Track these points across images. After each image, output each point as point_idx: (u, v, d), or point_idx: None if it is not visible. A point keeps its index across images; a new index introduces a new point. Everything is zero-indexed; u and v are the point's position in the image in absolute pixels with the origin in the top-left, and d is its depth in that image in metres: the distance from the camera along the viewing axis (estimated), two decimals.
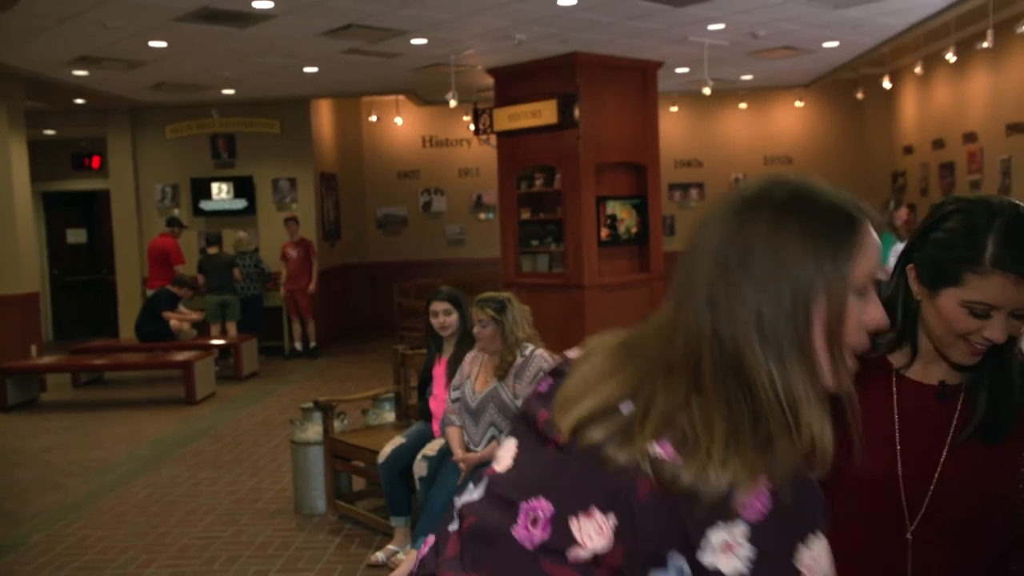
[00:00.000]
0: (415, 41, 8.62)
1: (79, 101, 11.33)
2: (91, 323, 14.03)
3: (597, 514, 1.04)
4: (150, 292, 10.71)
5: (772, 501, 0.98)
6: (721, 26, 8.48)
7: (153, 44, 8.36)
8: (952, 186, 10.90)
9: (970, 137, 10.35)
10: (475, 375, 4.16)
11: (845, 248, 1.05)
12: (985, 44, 8.35)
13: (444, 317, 4.59)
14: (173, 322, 10.13)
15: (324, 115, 12.87)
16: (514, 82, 10.07)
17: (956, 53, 9.20)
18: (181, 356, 9.12)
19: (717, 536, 0.99)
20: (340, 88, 11.53)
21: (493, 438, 4.06)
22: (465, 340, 4.48)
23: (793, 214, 1.06)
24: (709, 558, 0.99)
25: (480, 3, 7.34)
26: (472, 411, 4.13)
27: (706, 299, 1.06)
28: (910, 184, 12.26)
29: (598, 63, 9.60)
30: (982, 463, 1.43)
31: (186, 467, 6.53)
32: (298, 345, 11.46)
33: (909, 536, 1.45)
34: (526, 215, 10.25)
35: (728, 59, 10.12)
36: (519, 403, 3.95)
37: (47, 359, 9.69)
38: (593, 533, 1.03)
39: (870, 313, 1.08)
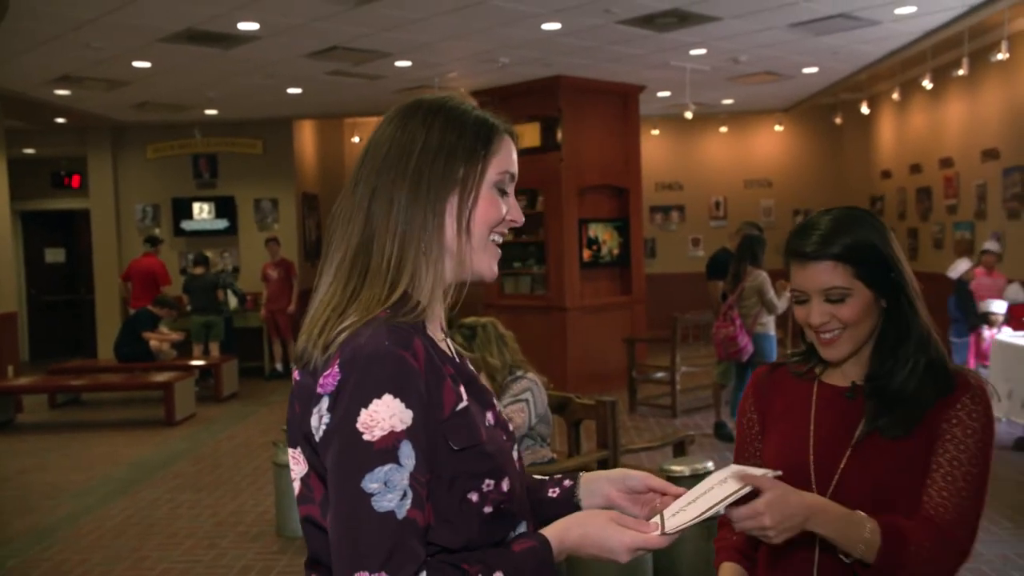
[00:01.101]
0: (399, 63, 8.67)
1: (60, 120, 11.29)
2: (69, 343, 13.91)
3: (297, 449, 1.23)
4: (132, 312, 10.63)
5: (340, 373, 1.14)
6: (703, 51, 8.59)
7: (137, 64, 8.35)
8: (929, 211, 11.04)
9: (946, 162, 10.49)
10: None
11: (480, 149, 1.26)
12: (961, 72, 8.50)
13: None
14: (153, 342, 10.04)
15: (307, 136, 12.88)
16: (497, 104, 10.07)
17: (932, 80, 9.35)
18: (161, 377, 9.04)
19: (314, 416, 1.17)
20: (323, 109, 11.56)
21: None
22: None
23: (440, 117, 1.27)
24: (316, 436, 1.17)
25: (464, 26, 7.40)
26: None
27: (371, 188, 1.25)
28: (888, 208, 12.41)
29: (581, 86, 9.69)
30: (883, 457, 1.56)
31: (165, 489, 6.46)
32: (279, 366, 11.40)
33: None
34: (509, 237, 10.23)
35: (709, 83, 10.24)
36: (511, 423, 3.92)
37: (24, 379, 9.58)
38: (293, 463, 1.25)
39: (513, 212, 1.31)
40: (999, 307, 7.55)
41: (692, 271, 12.96)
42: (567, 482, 1.43)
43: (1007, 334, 7.06)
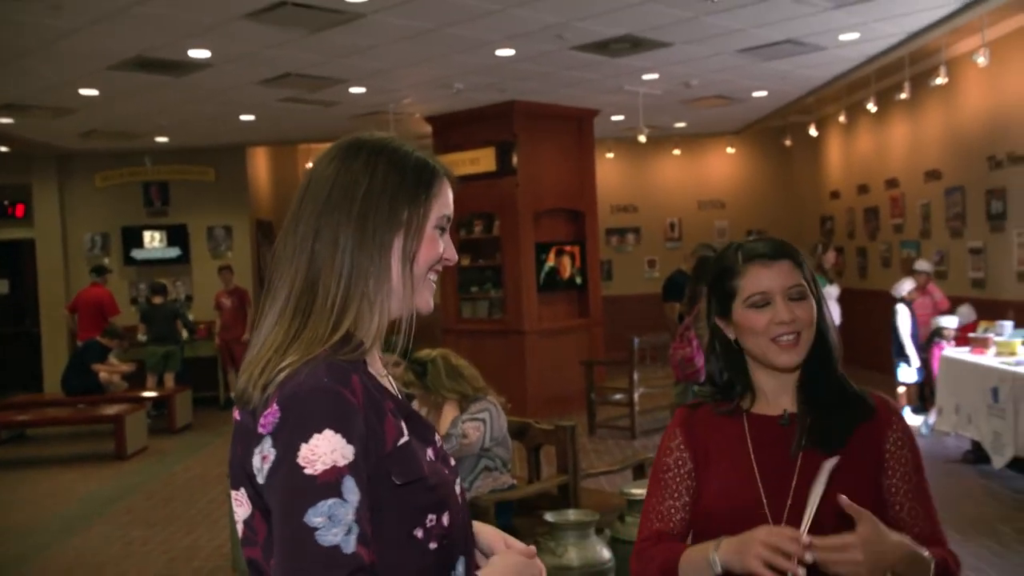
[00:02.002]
0: (353, 90, 8.65)
1: (2, 149, 11.06)
2: (14, 377, 13.52)
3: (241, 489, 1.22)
4: (80, 344, 10.40)
5: (280, 411, 1.13)
6: (655, 76, 8.71)
7: (84, 92, 8.23)
8: (877, 230, 11.28)
9: (892, 183, 10.74)
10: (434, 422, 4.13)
11: (422, 192, 1.30)
12: (903, 95, 8.73)
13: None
14: (103, 374, 9.83)
15: (260, 162, 12.78)
16: (452, 130, 10.16)
17: (877, 103, 9.57)
18: (111, 409, 8.84)
19: (256, 457, 1.16)
20: (277, 136, 11.49)
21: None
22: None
23: (383, 159, 1.29)
24: (259, 477, 1.16)
25: (419, 53, 7.42)
26: None
27: (313, 229, 1.26)
28: (838, 228, 12.65)
29: (535, 111, 9.76)
30: (831, 475, 1.58)
31: (117, 526, 6.30)
32: (233, 395, 11.21)
33: None
34: (465, 262, 10.28)
35: (662, 107, 10.38)
36: (465, 439, 3.91)
37: None
38: (237, 506, 1.23)
39: (448, 251, 1.34)
40: (949, 322, 7.72)
41: (648, 292, 13.06)
42: None
43: (954, 351, 7.21)
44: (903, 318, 8.02)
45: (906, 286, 8.10)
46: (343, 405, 1.14)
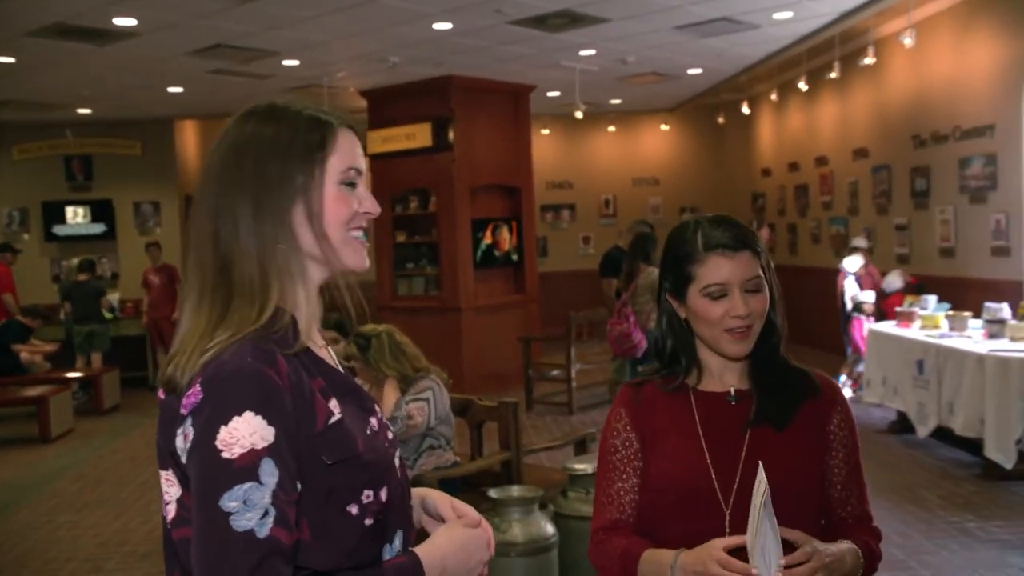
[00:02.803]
0: (287, 62, 8.46)
1: None
2: None
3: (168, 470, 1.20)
4: None
5: (202, 392, 1.12)
6: (592, 52, 8.71)
7: None
8: (807, 207, 11.52)
9: (821, 161, 10.98)
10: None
11: (316, 151, 1.23)
12: (833, 74, 8.91)
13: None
14: (24, 355, 9.49)
15: (189, 136, 12.42)
16: (388, 104, 10.02)
17: (807, 82, 9.76)
18: (34, 391, 8.54)
19: (179, 437, 1.14)
20: (207, 109, 11.17)
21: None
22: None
23: (270, 124, 1.24)
24: (182, 457, 1.14)
25: (354, 25, 7.28)
26: None
27: (213, 209, 1.22)
28: (769, 205, 12.89)
29: (472, 86, 9.68)
30: (778, 448, 1.64)
31: (43, 511, 6.10)
32: (159, 382, 10.91)
33: (727, 520, 1.62)
34: (401, 238, 10.19)
35: (598, 84, 10.39)
36: (411, 420, 3.89)
37: None
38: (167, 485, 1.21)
39: (366, 204, 1.27)
40: (868, 296, 7.95)
41: (583, 269, 13.15)
42: None
43: (881, 325, 7.42)
44: (854, 290, 8.13)
45: (858, 262, 8.20)
46: (266, 386, 1.12)
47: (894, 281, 8.04)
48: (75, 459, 7.61)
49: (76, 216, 11.56)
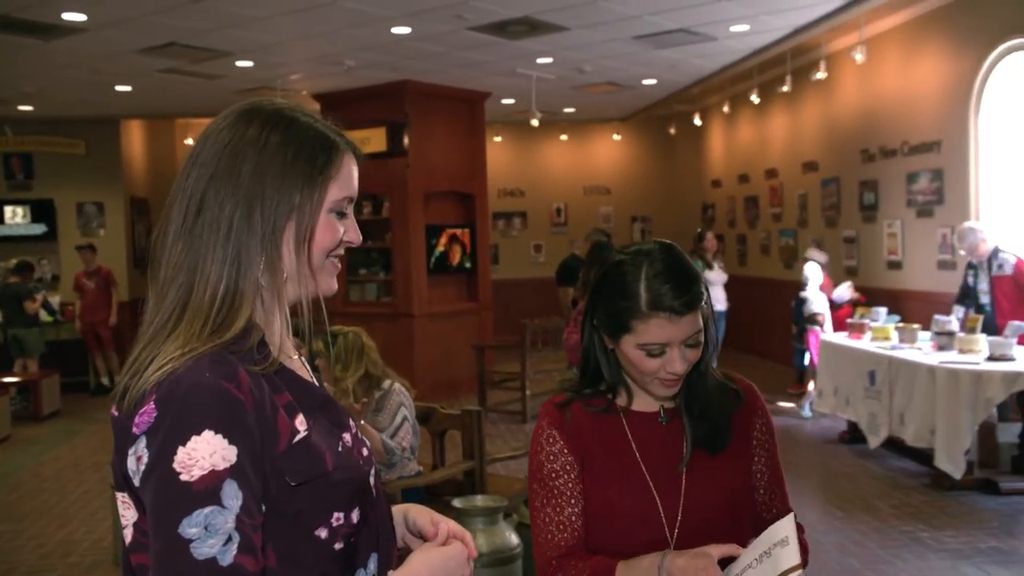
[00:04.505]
0: (240, 63, 8.30)
1: None
2: None
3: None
4: None
5: (156, 410, 1.04)
6: (550, 60, 8.72)
7: None
8: (756, 218, 11.69)
9: (771, 173, 11.15)
10: None
11: (319, 174, 1.17)
12: (785, 88, 9.06)
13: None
14: None
15: (135, 136, 12.13)
16: (342, 108, 9.90)
17: (759, 95, 9.91)
18: None
19: (131, 459, 1.06)
20: (155, 109, 10.93)
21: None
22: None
23: (277, 132, 1.17)
24: (135, 480, 1.06)
25: (310, 27, 7.18)
26: None
27: (195, 212, 1.14)
28: (719, 215, 13.04)
29: (428, 92, 9.63)
30: (716, 470, 1.62)
31: None
32: (105, 380, 10.63)
33: (672, 547, 1.57)
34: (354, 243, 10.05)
35: (553, 92, 10.41)
36: (385, 436, 3.84)
37: None
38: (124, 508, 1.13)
39: (350, 233, 1.22)
40: (821, 307, 8.08)
41: (535, 276, 13.17)
42: None
43: (833, 336, 7.55)
44: (819, 301, 8.16)
45: (847, 293, 8.27)
46: (226, 402, 1.04)
47: (844, 293, 8.19)
48: (13, 466, 7.34)
49: (15, 216, 11.21)
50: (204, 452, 1.02)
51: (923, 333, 6.51)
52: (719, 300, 8.99)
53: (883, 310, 7.25)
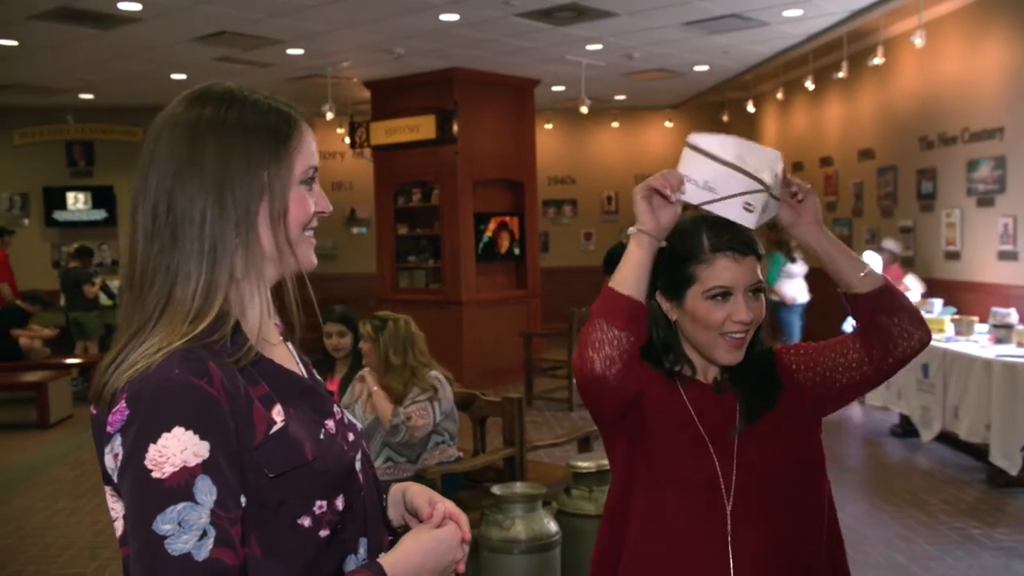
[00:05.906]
0: (291, 51, 8.40)
1: None
2: None
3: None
4: None
5: (128, 409, 1.05)
6: (598, 46, 8.65)
7: (2, 42, 7.81)
8: None
9: (826, 161, 10.92)
10: (365, 396, 4.03)
11: (282, 148, 1.16)
12: (840, 74, 8.85)
13: (338, 339, 4.42)
14: (23, 340, 9.45)
15: None
16: (391, 96, 9.96)
17: (814, 81, 9.70)
18: (33, 376, 8.51)
19: (108, 456, 1.08)
20: None
21: (388, 460, 3.94)
22: (357, 361, 4.35)
23: (233, 113, 1.15)
24: (114, 477, 1.08)
25: (360, 16, 7.22)
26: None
27: (164, 207, 1.12)
28: None
29: (476, 79, 9.62)
30: (765, 439, 1.64)
31: (40, 497, 6.07)
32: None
33: (728, 512, 1.60)
34: (403, 230, 10.14)
35: (603, 79, 10.33)
36: (411, 422, 3.84)
37: None
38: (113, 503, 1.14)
39: (321, 203, 1.22)
40: None
41: (584, 265, 13.10)
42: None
43: None
44: None
45: (878, 261, 8.04)
46: (196, 398, 1.05)
47: (914, 285, 7.95)
48: (74, 445, 7.57)
49: (77, 202, 11.52)
50: (175, 449, 1.02)
51: (980, 325, 6.34)
52: (801, 292, 8.86)
53: (938, 301, 7.07)
